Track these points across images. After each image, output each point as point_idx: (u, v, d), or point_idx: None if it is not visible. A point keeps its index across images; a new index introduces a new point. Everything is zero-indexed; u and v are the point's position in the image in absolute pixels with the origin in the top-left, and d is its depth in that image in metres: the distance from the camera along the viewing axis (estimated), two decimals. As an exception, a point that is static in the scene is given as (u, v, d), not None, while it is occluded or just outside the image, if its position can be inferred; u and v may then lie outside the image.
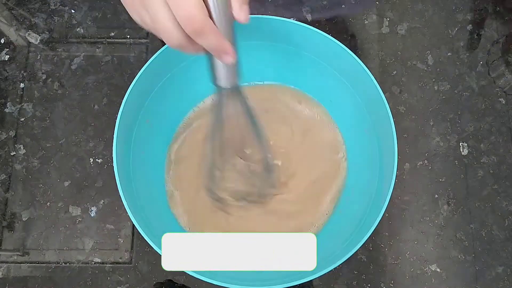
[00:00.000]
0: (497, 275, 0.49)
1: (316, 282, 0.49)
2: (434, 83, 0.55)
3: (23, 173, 0.53)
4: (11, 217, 0.51)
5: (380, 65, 0.55)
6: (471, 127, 0.54)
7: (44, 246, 0.50)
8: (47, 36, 0.58)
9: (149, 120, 0.47)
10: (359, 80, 0.44)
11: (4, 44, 0.58)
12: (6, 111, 0.55)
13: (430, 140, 0.53)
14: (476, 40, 0.57)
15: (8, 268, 0.50)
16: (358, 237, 0.39)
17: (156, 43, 0.57)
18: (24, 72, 0.57)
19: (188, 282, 0.48)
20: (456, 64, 0.56)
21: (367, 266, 0.49)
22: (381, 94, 0.42)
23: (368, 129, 0.46)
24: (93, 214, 0.51)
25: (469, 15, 0.58)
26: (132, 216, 0.38)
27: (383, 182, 0.41)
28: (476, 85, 0.55)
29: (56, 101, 0.55)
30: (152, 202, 0.46)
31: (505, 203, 0.51)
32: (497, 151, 0.53)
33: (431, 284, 0.49)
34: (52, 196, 0.52)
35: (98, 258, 0.50)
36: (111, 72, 0.56)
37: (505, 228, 0.50)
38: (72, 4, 0.59)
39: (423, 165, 0.52)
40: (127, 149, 0.44)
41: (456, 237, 0.50)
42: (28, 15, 0.59)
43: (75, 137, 0.54)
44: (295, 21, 0.44)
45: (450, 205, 0.51)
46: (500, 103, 0.55)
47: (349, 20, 0.58)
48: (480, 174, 0.52)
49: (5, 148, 0.54)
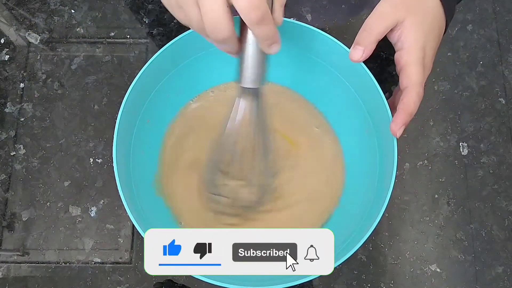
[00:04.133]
0: (497, 275, 0.49)
1: (316, 282, 0.49)
2: (434, 83, 0.55)
3: (23, 173, 0.53)
4: (11, 217, 0.51)
5: (380, 65, 0.55)
6: (471, 127, 0.54)
7: (44, 246, 0.50)
8: (47, 36, 0.58)
9: (149, 120, 0.47)
10: (359, 80, 0.44)
11: (4, 44, 0.58)
12: (6, 111, 0.55)
13: (430, 140, 0.53)
14: (476, 40, 0.57)
15: (8, 268, 0.50)
16: (358, 237, 0.39)
17: (156, 43, 0.57)
18: (24, 72, 0.57)
19: (188, 282, 0.48)
20: (456, 64, 0.56)
21: (367, 266, 0.49)
22: (381, 94, 0.42)
23: (368, 129, 0.46)
24: (93, 214, 0.51)
25: (469, 15, 0.58)
26: (132, 216, 0.38)
27: (383, 182, 0.41)
28: (476, 85, 0.55)
29: (56, 101, 0.55)
30: (152, 202, 0.46)
31: (505, 203, 0.51)
32: (497, 151, 0.53)
33: (431, 284, 0.49)
34: (52, 196, 0.52)
35: (98, 258, 0.50)
36: (111, 72, 0.56)
37: (505, 228, 0.50)
38: (72, 4, 0.59)
39: (423, 165, 0.52)
40: (127, 149, 0.44)
41: (456, 237, 0.50)
42: (28, 15, 0.59)
43: (75, 137, 0.54)
44: (295, 21, 0.43)
45: (450, 205, 0.51)
46: (500, 103, 0.55)
47: (349, 20, 0.58)
48: (480, 174, 0.52)
49: (5, 148, 0.54)
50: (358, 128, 0.48)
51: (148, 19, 0.58)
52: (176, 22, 0.58)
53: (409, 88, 0.39)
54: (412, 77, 0.39)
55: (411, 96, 0.39)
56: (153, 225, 0.42)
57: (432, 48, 0.41)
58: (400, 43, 0.40)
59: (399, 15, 0.40)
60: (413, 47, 0.39)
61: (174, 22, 0.58)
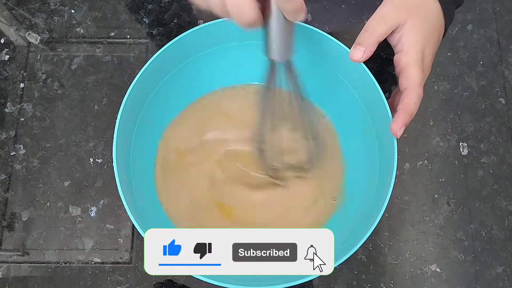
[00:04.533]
0: (497, 275, 0.49)
1: (316, 282, 0.49)
2: (434, 83, 0.55)
3: (23, 173, 0.53)
4: (11, 217, 0.51)
5: (380, 65, 0.55)
6: (471, 127, 0.54)
7: (44, 246, 0.50)
8: (47, 36, 0.58)
9: (149, 120, 0.47)
10: (359, 80, 0.44)
11: (4, 44, 0.58)
12: (6, 111, 0.55)
13: (430, 140, 0.53)
14: (476, 40, 0.57)
15: (8, 268, 0.50)
16: (358, 237, 0.39)
17: (156, 43, 0.57)
18: (24, 72, 0.57)
19: (188, 282, 0.48)
20: (456, 64, 0.56)
21: (367, 266, 0.49)
22: (381, 94, 0.42)
23: (368, 129, 0.46)
24: (93, 214, 0.51)
25: (469, 15, 0.58)
26: (132, 216, 0.38)
27: (383, 182, 0.41)
28: (476, 85, 0.55)
29: (56, 101, 0.55)
30: (152, 202, 0.46)
31: (505, 203, 0.51)
32: (497, 151, 0.53)
33: (431, 284, 0.49)
34: (52, 196, 0.52)
35: (98, 258, 0.50)
36: (111, 72, 0.56)
37: (505, 228, 0.50)
38: (72, 4, 0.59)
39: (423, 165, 0.52)
40: (127, 149, 0.44)
41: (456, 237, 0.50)
42: (28, 15, 0.59)
43: (75, 137, 0.54)
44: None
45: (450, 205, 0.51)
46: (500, 103, 0.55)
47: (349, 20, 0.58)
48: (480, 174, 0.52)
49: (5, 148, 0.54)
50: (358, 128, 0.48)
51: (148, 19, 0.58)
52: (176, 22, 0.58)
53: (409, 89, 0.39)
54: (412, 78, 0.39)
55: (411, 96, 0.39)
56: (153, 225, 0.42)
57: (431, 51, 0.41)
58: (400, 45, 0.41)
59: (400, 17, 0.40)
60: (412, 49, 0.40)
61: (174, 22, 0.58)
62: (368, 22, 0.41)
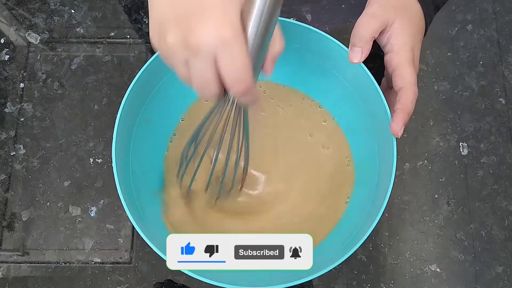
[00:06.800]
0: (497, 275, 0.49)
1: (316, 282, 0.49)
2: (434, 83, 0.55)
3: (23, 173, 0.53)
4: (11, 217, 0.51)
5: (379, 65, 0.55)
6: (471, 127, 0.54)
7: (44, 246, 0.50)
8: (47, 36, 0.58)
9: (149, 120, 0.47)
10: (359, 81, 0.44)
11: (4, 44, 0.58)
12: (6, 111, 0.55)
13: (430, 140, 0.53)
14: (476, 40, 0.57)
15: (8, 268, 0.50)
16: (358, 237, 0.39)
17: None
18: (24, 72, 0.57)
19: (188, 282, 0.48)
20: (456, 64, 0.56)
21: (367, 266, 0.49)
22: (380, 94, 0.42)
23: (368, 129, 0.46)
24: (93, 214, 0.51)
25: (469, 15, 0.58)
26: (131, 216, 0.38)
27: (383, 182, 0.41)
28: (476, 85, 0.55)
29: (56, 101, 0.55)
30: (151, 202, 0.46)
31: (505, 203, 0.51)
32: (497, 151, 0.53)
33: (431, 284, 0.49)
34: (52, 196, 0.52)
35: (98, 258, 0.50)
36: (111, 72, 0.56)
37: (505, 228, 0.50)
38: (72, 4, 0.59)
39: (423, 165, 0.52)
40: (127, 149, 0.44)
41: (456, 237, 0.50)
42: (28, 15, 0.59)
43: (75, 137, 0.54)
44: (295, 21, 0.44)
45: (450, 205, 0.51)
46: (500, 103, 0.55)
47: (349, 20, 0.58)
48: (480, 174, 0.52)
49: (5, 148, 0.54)
50: (357, 128, 0.48)
51: (148, 19, 0.58)
52: (176, 22, 0.58)
53: (405, 88, 0.39)
54: (406, 77, 0.40)
55: (408, 95, 0.39)
56: (152, 225, 0.42)
57: (418, 50, 0.42)
58: (389, 45, 0.41)
59: (388, 16, 0.41)
60: (402, 49, 0.40)
61: (174, 22, 0.58)
62: (358, 22, 0.41)
